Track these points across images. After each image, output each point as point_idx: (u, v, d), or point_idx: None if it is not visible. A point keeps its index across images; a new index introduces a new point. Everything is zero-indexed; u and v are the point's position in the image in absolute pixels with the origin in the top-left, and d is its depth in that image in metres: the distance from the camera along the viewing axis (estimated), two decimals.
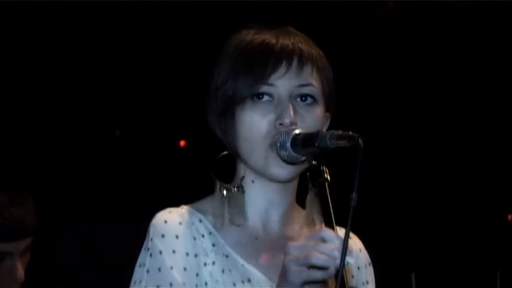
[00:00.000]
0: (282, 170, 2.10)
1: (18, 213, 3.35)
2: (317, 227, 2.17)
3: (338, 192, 1.93)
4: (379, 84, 5.91)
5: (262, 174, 2.13)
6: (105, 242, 5.72)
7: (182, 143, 5.78)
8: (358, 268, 2.31)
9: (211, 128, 2.20)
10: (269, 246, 2.17)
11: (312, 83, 2.10)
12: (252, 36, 2.15)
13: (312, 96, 2.10)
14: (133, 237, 2.36)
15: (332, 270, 1.78)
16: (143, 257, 2.12)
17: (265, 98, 2.08)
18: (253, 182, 2.16)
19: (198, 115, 2.28)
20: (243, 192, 2.16)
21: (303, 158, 2.00)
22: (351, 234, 1.89)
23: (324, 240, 1.81)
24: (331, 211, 1.91)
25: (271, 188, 2.16)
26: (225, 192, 2.18)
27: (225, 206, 2.17)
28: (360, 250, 2.32)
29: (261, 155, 2.09)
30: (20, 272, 3.36)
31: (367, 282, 2.32)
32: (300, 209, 2.25)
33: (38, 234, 3.46)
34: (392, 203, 6.99)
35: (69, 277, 5.23)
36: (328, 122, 2.19)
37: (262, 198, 2.18)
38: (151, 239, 2.11)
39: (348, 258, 1.79)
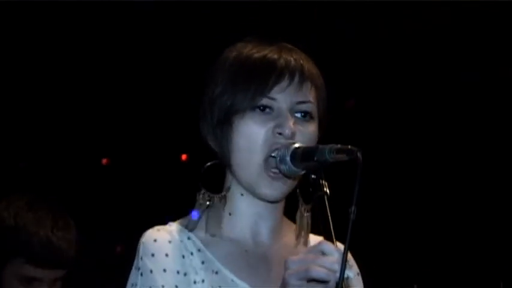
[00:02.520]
0: (271, 191, 2.11)
1: (60, 242, 3.22)
2: (306, 239, 2.19)
3: (336, 206, 1.92)
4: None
5: (252, 192, 2.13)
6: (108, 254, 5.76)
7: (184, 156, 5.84)
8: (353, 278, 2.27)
9: (203, 138, 2.20)
10: (259, 259, 2.18)
11: (311, 100, 2.11)
12: (250, 49, 2.14)
13: (309, 113, 2.10)
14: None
15: (332, 284, 1.77)
16: (134, 276, 2.13)
17: (266, 111, 2.08)
18: (242, 195, 2.15)
19: (198, 130, 2.25)
20: (225, 203, 2.15)
21: (302, 172, 1.99)
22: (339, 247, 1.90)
23: (323, 253, 1.80)
24: (331, 224, 1.90)
25: (260, 203, 2.16)
26: (207, 202, 2.16)
27: (209, 217, 2.17)
28: (353, 264, 2.32)
29: (254, 169, 2.09)
30: None
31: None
32: (288, 221, 2.25)
33: (73, 267, 3.32)
34: (393, 216, 7.00)
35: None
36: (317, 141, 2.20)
37: (251, 212, 2.17)
38: (141, 258, 2.11)
39: (348, 272, 1.79)
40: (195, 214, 2.12)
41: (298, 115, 2.08)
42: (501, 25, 5.52)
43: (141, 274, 2.09)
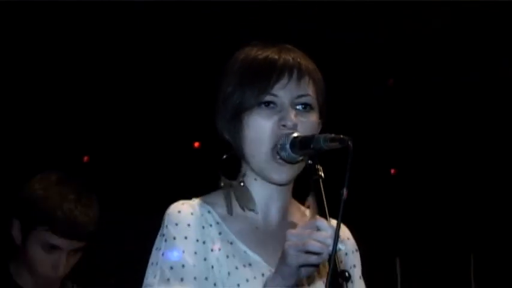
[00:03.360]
0: (280, 175, 2.30)
1: (81, 217, 3.44)
2: (310, 216, 2.35)
3: (331, 188, 2.07)
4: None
5: (263, 177, 2.34)
6: (124, 235, 5.83)
7: (196, 144, 5.84)
8: (346, 254, 2.49)
9: (220, 132, 2.40)
10: (268, 236, 2.37)
11: (309, 93, 2.30)
12: (255, 52, 2.34)
13: (309, 105, 2.30)
14: (153, 231, 2.47)
15: (325, 256, 1.95)
16: (159, 241, 2.32)
17: (270, 106, 2.28)
18: (255, 179, 2.36)
19: (210, 120, 2.44)
20: (242, 188, 2.37)
21: (300, 158, 2.19)
22: (341, 224, 2.04)
23: (318, 229, 1.98)
24: (325, 204, 2.06)
25: (271, 186, 2.36)
26: (230, 186, 2.38)
27: (231, 197, 2.36)
28: (348, 238, 2.51)
29: (263, 157, 2.29)
30: (63, 268, 3.46)
31: (354, 266, 2.51)
32: (295, 202, 2.46)
33: (92, 241, 3.51)
34: (379, 197, 6.97)
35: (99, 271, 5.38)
36: (320, 128, 2.37)
37: (263, 194, 2.37)
38: (166, 226, 2.30)
39: (339, 245, 1.96)
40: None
41: (299, 107, 2.28)
42: (499, 25, 5.45)
43: (165, 240, 2.29)
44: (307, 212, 2.45)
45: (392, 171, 7.07)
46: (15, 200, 3.55)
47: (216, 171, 2.43)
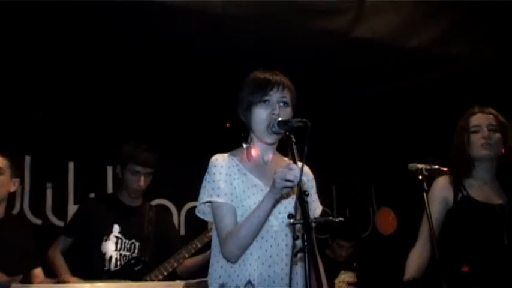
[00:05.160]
0: (271, 139, 3.22)
1: (148, 154, 4.75)
2: (288, 162, 3.10)
3: (300, 146, 2.88)
4: None
5: (261, 140, 3.22)
6: (179, 175, 6.26)
7: (228, 124, 6.09)
8: (308, 180, 3.37)
9: (239, 117, 3.29)
10: (265, 171, 3.25)
11: (287, 97, 3.23)
12: (260, 74, 3.26)
13: (287, 103, 3.22)
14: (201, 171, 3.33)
15: (295, 182, 2.83)
16: (206, 175, 3.20)
17: (266, 103, 3.19)
18: (257, 141, 3.28)
19: (236, 112, 3.32)
20: (249, 145, 3.28)
21: (282, 131, 3.06)
22: (300, 165, 2.82)
23: (291, 169, 2.86)
24: (295, 156, 2.95)
25: (265, 145, 3.27)
26: (245, 145, 3.29)
27: (245, 151, 3.29)
28: (308, 172, 3.35)
29: (262, 131, 3.19)
30: (142, 183, 4.82)
31: (312, 187, 3.37)
32: (279, 154, 3.34)
33: (155, 169, 4.77)
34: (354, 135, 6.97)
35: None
36: (292, 115, 3.19)
37: (261, 149, 3.28)
38: (210, 167, 3.21)
39: (303, 177, 2.83)
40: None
41: (282, 104, 3.21)
42: None
43: (209, 175, 3.18)
44: (286, 159, 3.30)
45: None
46: (117, 154, 4.87)
47: (237, 139, 3.33)
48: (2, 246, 4.27)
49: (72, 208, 5.86)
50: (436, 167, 3.79)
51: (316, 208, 3.36)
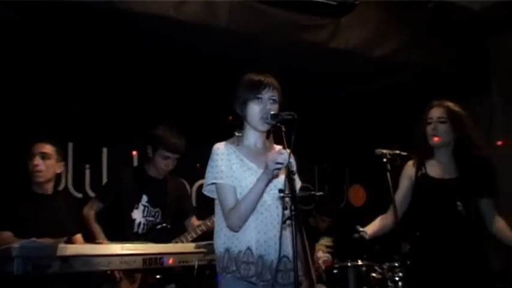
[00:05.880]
0: (263, 128, 3.19)
1: (177, 141, 4.61)
2: (277, 148, 3.20)
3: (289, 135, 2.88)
4: None
5: (255, 129, 3.20)
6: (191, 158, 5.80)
7: (230, 118, 5.95)
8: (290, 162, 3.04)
9: (236, 110, 3.26)
10: (258, 155, 3.21)
11: (275, 95, 3.20)
12: (254, 76, 3.22)
13: (276, 100, 3.19)
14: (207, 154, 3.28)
15: (285, 164, 2.86)
16: (210, 161, 3.18)
17: (259, 99, 3.16)
18: (251, 130, 3.24)
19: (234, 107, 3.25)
20: (244, 134, 3.23)
21: (274, 122, 3.08)
22: (288, 151, 2.87)
23: (281, 153, 2.89)
24: (285, 143, 2.97)
25: (258, 133, 3.24)
26: (237, 133, 3.26)
27: (240, 139, 3.24)
28: (291, 156, 3.00)
29: (256, 122, 3.17)
30: (171, 166, 4.74)
31: (294, 166, 3.11)
32: (272, 141, 3.31)
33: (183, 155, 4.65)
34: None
35: None
36: (279, 109, 3.15)
37: (255, 136, 3.26)
38: (213, 154, 3.18)
39: (290, 160, 2.87)
40: None
41: (271, 101, 3.19)
42: None
43: (212, 161, 3.17)
44: (276, 146, 3.30)
45: None
46: (149, 136, 4.74)
47: (234, 129, 3.30)
48: (50, 216, 4.30)
49: None
50: (397, 152, 3.80)
51: (297, 184, 3.29)
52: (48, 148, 4.35)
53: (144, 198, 4.81)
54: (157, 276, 4.53)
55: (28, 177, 4.35)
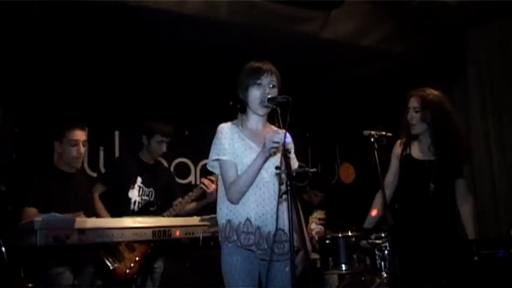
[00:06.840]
0: (263, 112, 3.17)
1: (169, 127, 4.70)
2: (275, 129, 3.17)
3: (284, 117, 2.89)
4: None
5: (255, 113, 3.18)
6: (195, 140, 6.12)
7: (231, 103, 5.96)
8: (289, 142, 3.22)
9: (239, 95, 3.23)
10: (258, 136, 3.19)
11: (274, 80, 3.17)
12: (254, 64, 3.19)
13: (274, 85, 3.16)
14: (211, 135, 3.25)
15: (281, 143, 2.85)
16: (215, 139, 3.15)
17: (259, 85, 3.13)
18: (252, 114, 3.23)
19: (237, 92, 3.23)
20: (246, 117, 3.21)
21: (271, 105, 3.05)
22: (284, 131, 2.85)
23: (278, 133, 2.88)
24: (281, 124, 2.96)
25: (259, 117, 3.22)
26: (241, 116, 3.24)
27: (242, 121, 3.22)
28: (289, 137, 3.09)
29: (256, 105, 3.15)
30: (165, 149, 4.76)
31: (292, 148, 3.24)
32: (268, 123, 3.28)
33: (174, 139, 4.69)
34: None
35: None
36: (277, 93, 3.13)
37: (255, 119, 3.24)
38: (217, 133, 3.15)
39: (286, 139, 2.86)
40: None
41: (271, 86, 3.16)
42: None
43: (216, 139, 3.13)
44: (273, 127, 3.27)
45: None
46: (144, 126, 4.79)
47: (235, 113, 3.30)
48: (74, 193, 4.36)
49: None
50: (383, 133, 3.76)
51: (295, 163, 3.30)
52: (85, 136, 4.42)
53: (139, 179, 4.88)
54: (151, 245, 4.57)
55: (51, 155, 4.37)
